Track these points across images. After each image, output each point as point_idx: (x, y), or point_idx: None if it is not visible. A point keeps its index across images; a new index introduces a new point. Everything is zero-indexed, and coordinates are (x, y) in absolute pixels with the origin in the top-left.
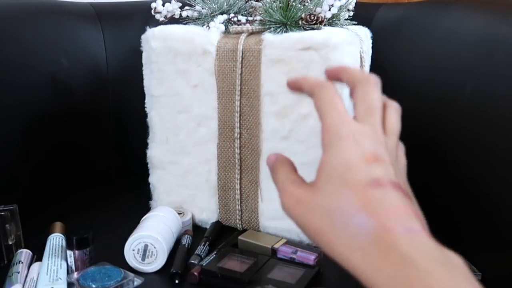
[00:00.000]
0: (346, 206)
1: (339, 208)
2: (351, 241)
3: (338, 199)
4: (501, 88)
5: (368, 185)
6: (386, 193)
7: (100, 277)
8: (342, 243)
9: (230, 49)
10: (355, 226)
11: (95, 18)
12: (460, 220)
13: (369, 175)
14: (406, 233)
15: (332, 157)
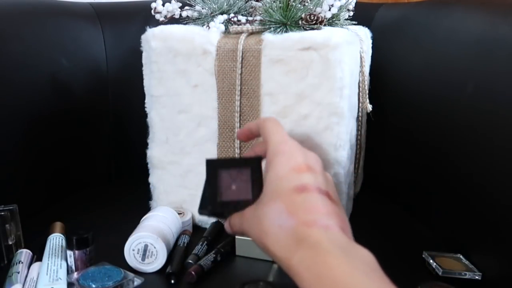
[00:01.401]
0: (272, 211)
1: (266, 214)
2: (275, 239)
3: (267, 206)
4: (501, 88)
5: (294, 190)
6: (310, 196)
7: (100, 277)
8: (270, 242)
9: (230, 49)
10: (277, 226)
11: (95, 18)
12: (460, 220)
13: (296, 182)
14: (322, 227)
15: (269, 173)
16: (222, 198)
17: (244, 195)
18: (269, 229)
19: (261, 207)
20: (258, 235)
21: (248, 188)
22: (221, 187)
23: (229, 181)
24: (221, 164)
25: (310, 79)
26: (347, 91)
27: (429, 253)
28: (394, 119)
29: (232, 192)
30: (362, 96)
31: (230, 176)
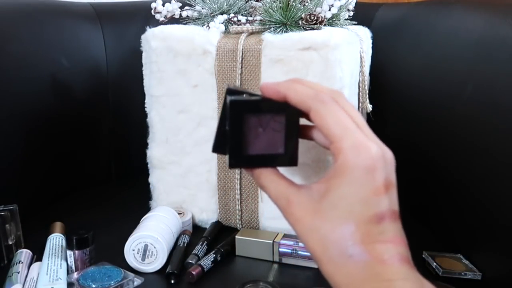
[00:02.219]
0: (344, 238)
1: (336, 238)
2: (340, 266)
3: (338, 229)
4: (501, 88)
5: (371, 220)
6: (386, 226)
7: (100, 277)
8: (332, 266)
9: (230, 49)
10: (348, 256)
11: (95, 18)
12: (460, 220)
13: (375, 209)
14: (395, 264)
15: (343, 186)
16: (248, 151)
17: (275, 148)
18: (335, 255)
19: (327, 222)
20: (317, 251)
21: (281, 140)
22: (248, 137)
23: (258, 129)
24: (249, 107)
25: (310, 79)
26: (347, 91)
27: (429, 253)
28: (394, 119)
29: (260, 144)
30: (362, 96)
31: (260, 123)
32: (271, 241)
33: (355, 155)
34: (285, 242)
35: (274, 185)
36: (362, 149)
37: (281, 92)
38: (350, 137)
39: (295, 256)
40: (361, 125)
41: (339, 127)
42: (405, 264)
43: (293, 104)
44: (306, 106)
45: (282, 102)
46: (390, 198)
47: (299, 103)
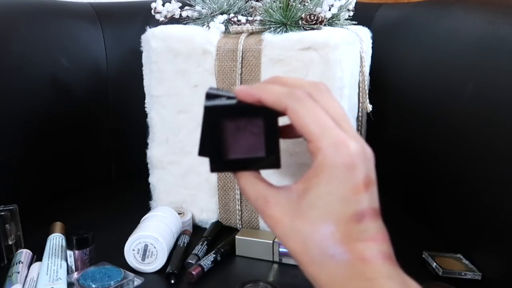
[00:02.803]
0: (325, 238)
1: (316, 239)
2: (322, 267)
3: (318, 229)
4: (501, 88)
5: (351, 219)
6: (366, 225)
7: (100, 277)
8: (314, 267)
9: (230, 49)
10: (328, 256)
11: (95, 18)
12: (460, 220)
13: (355, 207)
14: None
15: (321, 185)
16: (229, 155)
17: (255, 151)
18: (316, 256)
19: (307, 222)
20: (298, 252)
21: (261, 143)
22: (227, 141)
23: (237, 133)
24: (224, 112)
25: (310, 79)
26: (347, 91)
27: (429, 253)
28: (394, 119)
29: (240, 147)
30: (362, 96)
31: (237, 127)
32: (271, 241)
33: (333, 153)
34: None
35: (252, 187)
36: (340, 147)
37: (255, 95)
38: (328, 135)
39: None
40: (340, 120)
41: (316, 125)
42: (387, 262)
43: (269, 105)
44: (282, 106)
45: (260, 106)
46: (371, 196)
47: (274, 104)
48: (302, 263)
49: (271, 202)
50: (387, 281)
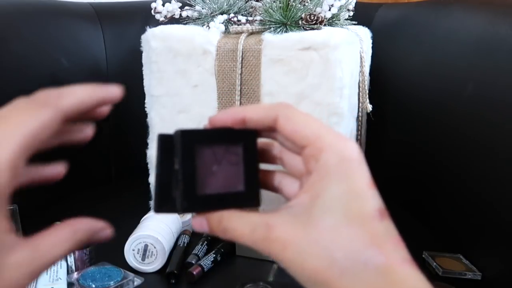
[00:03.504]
0: (352, 242)
1: (343, 246)
2: (356, 278)
3: (342, 235)
4: (501, 87)
5: (374, 217)
6: (387, 225)
7: (100, 277)
8: (346, 281)
9: (230, 49)
10: (362, 264)
11: (95, 18)
12: (460, 220)
13: (374, 203)
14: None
15: (333, 185)
16: (204, 190)
17: (233, 186)
18: (347, 266)
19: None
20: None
21: (240, 175)
22: (202, 173)
23: (214, 163)
24: (200, 138)
25: (310, 79)
26: (347, 91)
27: (429, 253)
28: (394, 119)
29: (216, 181)
30: (362, 96)
31: (214, 156)
32: None
33: (341, 148)
34: None
35: (244, 220)
36: (345, 142)
37: (238, 113)
38: (328, 133)
39: None
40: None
41: (314, 126)
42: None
43: (255, 121)
44: (272, 115)
45: (237, 130)
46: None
47: (262, 117)
48: (329, 281)
49: (274, 224)
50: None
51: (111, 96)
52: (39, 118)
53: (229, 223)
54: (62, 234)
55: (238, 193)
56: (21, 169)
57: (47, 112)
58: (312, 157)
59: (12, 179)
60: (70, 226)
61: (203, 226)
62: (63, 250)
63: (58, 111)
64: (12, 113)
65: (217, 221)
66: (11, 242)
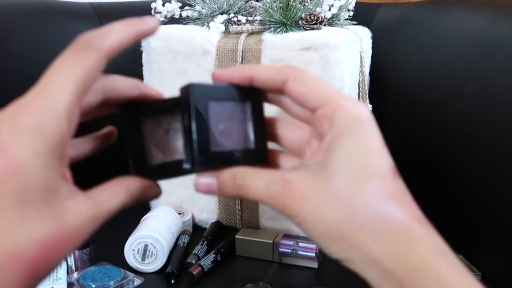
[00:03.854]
0: (372, 195)
1: (363, 198)
2: (376, 232)
3: (362, 187)
4: (501, 88)
5: (390, 174)
6: (401, 184)
7: (100, 277)
8: (365, 234)
9: (230, 49)
10: (383, 216)
11: (95, 18)
12: (460, 220)
13: (388, 161)
14: (420, 224)
15: (349, 141)
16: (216, 146)
17: (244, 143)
18: (368, 219)
19: (344, 185)
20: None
21: (249, 133)
22: (212, 130)
23: (223, 120)
24: (211, 94)
25: None
26: (347, 91)
27: None
28: (394, 119)
29: (227, 138)
30: (362, 96)
31: (223, 112)
32: (271, 241)
33: (354, 107)
34: (285, 242)
35: (259, 176)
36: (357, 103)
37: (246, 73)
38: (340, 95)
39: (295, 256)
40: None
41: (326, 87)
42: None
43: (263, 81)
44: (281, 77)
45: (243, 88)
46: None
47: (271, 78)
48: (348, 235)
49: (291, 179)
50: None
51: (149, 27)
52: (87, 63)
53: (244, 180)
54: (116, 187)
55: (248, 150)
56: (77, 117)
57: (92, 56)
58: (326, 118)
59: (70, 126)
60: (122, 181)
61: (211, 185)
62: (119, 201)
63: (102, 52)
64: (60, 63)
65: (231, 178)
66: (68, 190)
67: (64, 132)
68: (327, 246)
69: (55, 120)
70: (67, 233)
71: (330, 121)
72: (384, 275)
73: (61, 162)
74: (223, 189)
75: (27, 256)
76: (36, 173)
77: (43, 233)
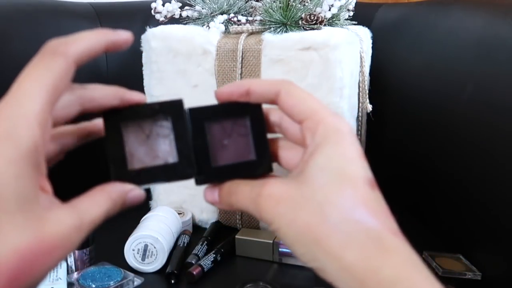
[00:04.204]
0: (345, 200)
1: (336, 202)
2: (348, 237)
3: (336, 192)
4: (501, 88)
5: (366, 183)
6: (378, 195)
7: (100, 277)
8: (337, 239)
9: (230, 49)
10: (354, 222)
11: (95, 18)
12: (460, 220)
13: (365, 171)
14: (394, 235)
15: (330, 149)
16: (217, 162)
17: (245, 156)
18: (339, 223)
19: (318, 188)
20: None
21: (249, 145)
22: (214, 147)
23: (223, 137)
24: (208, 115)
25: (310, 79)
26: (347, 91)
27: (429, 253)
28: (393, 119)
29: (228, 152)
30: (362, 96)
31: (223, 130)
32: (271, 241)
33: (337, 121)
34: None
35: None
36: (340, 118)
37: (243, 86)
38: (325, 110)
39: (295, 256)
40: None
41: (313, 102)
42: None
43: (258, 93)
44: (274, 90)
45: (242, 103)
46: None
47: (265, 90)
48: (320, 239)
49: (268, 182)
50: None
51: (120, 39)
52: (55, 69)
53: (235, 188)
54: (98, 195)
55: (250, 161)
56: (50, 125)
57: (59, 62)
58: (309, 130)
59: (43, 134)
60: (103, 188)
61: (214, 197)
62: (102, 209)
63: (69, 58)
64: (28, 71)
65: (227, 190)
66: (48, 201)
67: (37, 139)
68: (301, 254)
69: (27, 128)
70: (48, 242)
71: (312, 134)
72: (356, 284)
73: (36, 171)
74: (221, 200)
75: (5, 266)
76: (9, 180)
77: (21, 241)
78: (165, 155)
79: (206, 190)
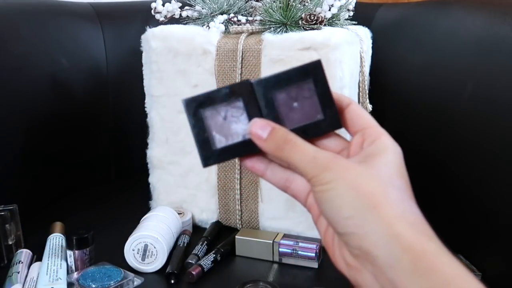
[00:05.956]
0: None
1: (398, 185)
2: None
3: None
4: (501, 88)
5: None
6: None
7: (100, 277)
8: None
9: (230, 49)
10: (409, 205)
11: (95, 18)
12: (460, 220)
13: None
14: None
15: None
16: (288, 126)
17: (313, 116)
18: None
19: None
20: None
21: (316, 105)
22: (283, 113)
23: (290, 102)
24: (273, 83)
25: None
26: (347, 91)
27: None
28: (394, 119)
29: (297, 116)
30: (362, 96)
31: (289, 96)
32: (271, 241)
33: (392, 140)
34: (285, 242)
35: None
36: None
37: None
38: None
39: (295, 256)
40: None
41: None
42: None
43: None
44: (347, 101)
45: (303, 66)
46: None
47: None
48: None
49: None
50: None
51: None
52: None
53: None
54: None
55: (319, 121)
56: None
57: None
58: (370, 137)
59: None
60: None
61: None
62: None
63: None
64: None
65: (283, 137)
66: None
67: None
68: (347, 217)
69: None
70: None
71: (372, 140)
72: (401, 251)
73: None
74: (271, 142)
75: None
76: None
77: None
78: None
79: (253, 122)
